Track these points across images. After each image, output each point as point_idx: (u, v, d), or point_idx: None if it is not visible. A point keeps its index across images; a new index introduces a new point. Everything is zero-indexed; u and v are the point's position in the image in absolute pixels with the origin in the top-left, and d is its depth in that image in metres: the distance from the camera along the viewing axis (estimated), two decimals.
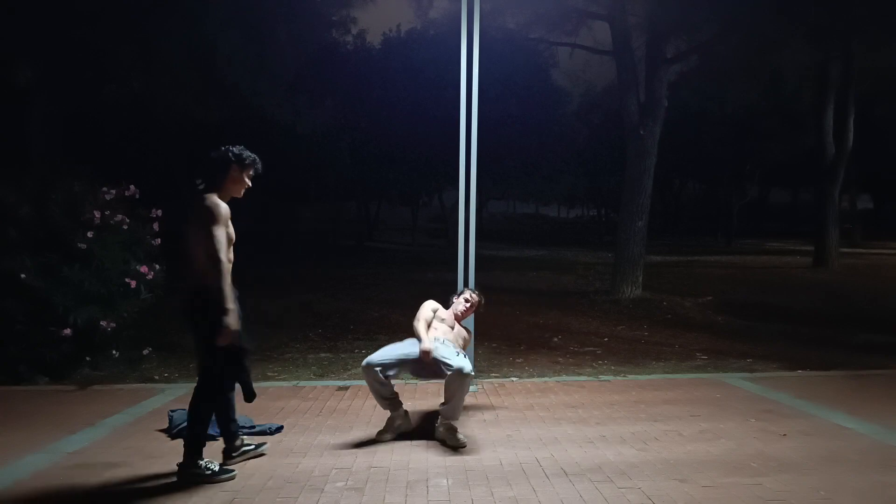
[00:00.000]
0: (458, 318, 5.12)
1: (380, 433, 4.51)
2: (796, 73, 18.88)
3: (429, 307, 4.90)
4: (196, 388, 3.83)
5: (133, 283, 6.55)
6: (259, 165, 3.95)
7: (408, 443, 4.45)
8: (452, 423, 4.45)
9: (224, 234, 3.70)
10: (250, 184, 3.96)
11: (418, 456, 4.19)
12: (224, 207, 3.75)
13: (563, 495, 3.58)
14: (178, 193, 16.83)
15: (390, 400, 4.51)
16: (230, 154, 3.86)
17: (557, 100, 22.76)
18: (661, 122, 12.37)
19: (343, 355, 7.63)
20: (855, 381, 6.37)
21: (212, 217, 3.66)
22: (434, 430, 4.51)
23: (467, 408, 5.35)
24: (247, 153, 3.91)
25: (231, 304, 3.64)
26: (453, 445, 4.33)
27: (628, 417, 5.07)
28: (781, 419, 4.98)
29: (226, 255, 3.70)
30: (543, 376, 6.60)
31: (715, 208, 32.63)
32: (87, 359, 6.43)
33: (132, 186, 6.82)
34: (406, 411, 4.61)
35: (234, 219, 3.80)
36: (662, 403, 5.47)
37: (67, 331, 6.15)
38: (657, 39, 12.47)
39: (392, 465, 4.02)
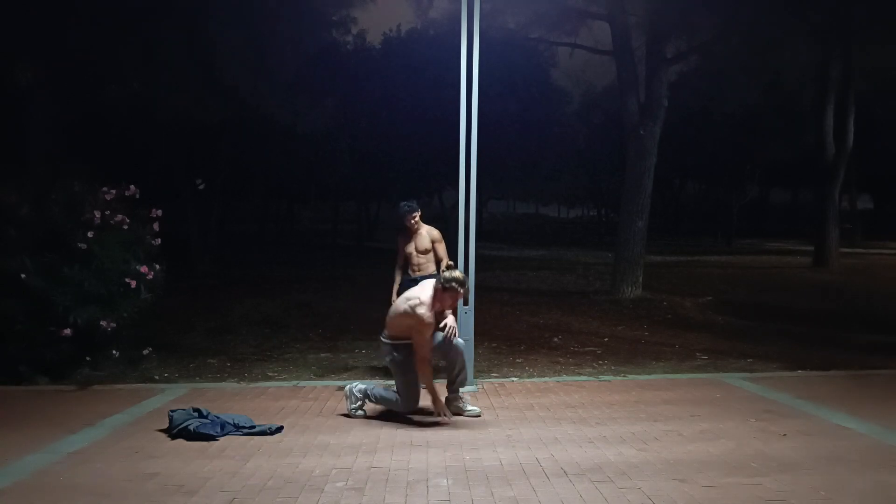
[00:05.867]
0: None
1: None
2: (796, 73, 18.87)
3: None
4: None
5: (133, 283, 6.54)
6: (403, 208, 6.28)
7: (408, 443, 4.46)
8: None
9: (400, 254, 6.44)
10: (410, 223, 6.25)
11: (418, 456, 4.19)
12: (400, 241, 6.41)
13: (563, 495, 3.58)
14: (178, 193, 16.90)
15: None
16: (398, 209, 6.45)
17: (557, 100, 22.72)
18: (661, 122, 12.36)
19: (343, 355, 7.63)
20: (855, 381, 6.38)
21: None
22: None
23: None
24: (399, 206, 6.38)
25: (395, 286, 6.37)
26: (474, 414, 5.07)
27: (628, 417, 5.07)
28: (781, 419, 4.97)
29: (400, 259, 6.44)
30: (543, 376, 6.60)
31: (715, 208, 32.60)
32: (87, 359, 6.42)
33: (132, 186, 6.80)
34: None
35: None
36: (662, 403, 5.47)
37: (67, 331, 6.14)
38: (657, 39, 12.46)
39: (392, 465, 4.02)
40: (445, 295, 4.85)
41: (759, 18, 11.88)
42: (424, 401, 5.08)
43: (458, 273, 4.95)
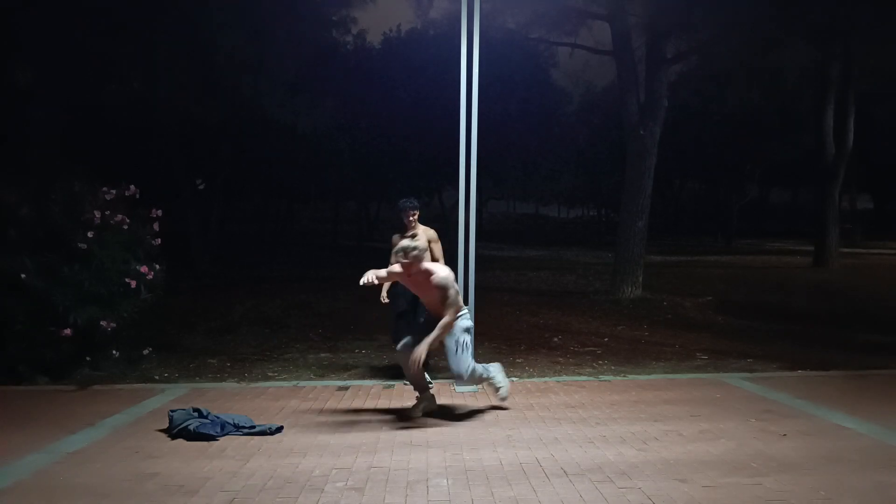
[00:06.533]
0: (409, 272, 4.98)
1: (412, 409, 5.12)
2: (796, 73, 18.87)
3: None
4: None
5: (133, 283, 6.55)
6: (403, 205, 6.25)
7: (408, 443, 4.46)
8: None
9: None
10: (408, 220, 6.22)
11: (418, 456, 4.19)
12: (395, 238, 6.06)
13: (563, 495, 3.58)
14: (178, 193, 16.90)
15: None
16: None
17: (557, 100, 22.72)
18: (661, 122, 12.37)
19: (343, 355, 7.63)
20: (855, 381, 6.37)
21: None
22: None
23: (468, 407, 5.36)
24: (400, 202, 6.33)
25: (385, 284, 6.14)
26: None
27: (628, 417, 5.07)
28: (781, 419, 4.97)
29: (393, 259, 5.69)
30: (543, 376, 6.60)
31: (715, 208, 32.62)
32: (87, 359, 6.43)
33: (132, 186, 6.81)
34: (433, 394, 5.18)
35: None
36: (662, 403, 5.47)
37: (67, 331, 6.15)
38: (657, 39, 12.46)
39: (392, 465, 4.02)
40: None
41: (759, 18, 11.87)
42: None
43: (404, 242, 4.94)
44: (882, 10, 12.15)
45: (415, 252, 4.84)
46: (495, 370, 5.26)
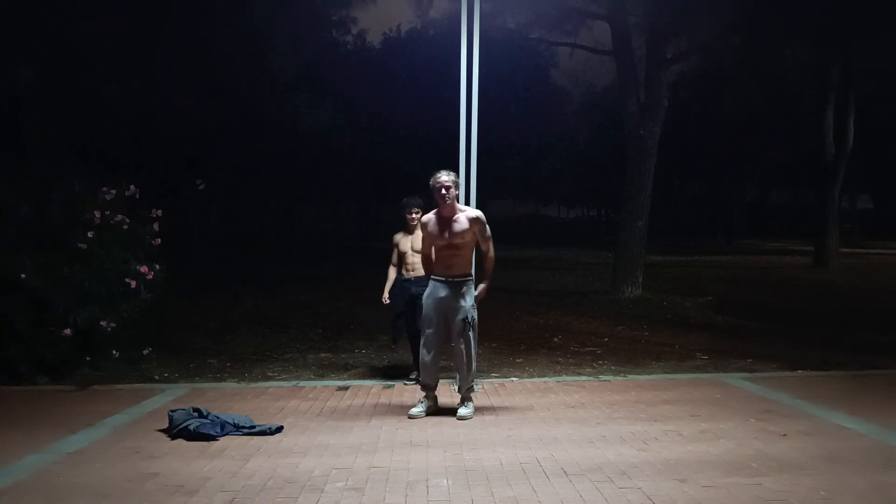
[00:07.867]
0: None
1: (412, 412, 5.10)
2: (796, 73, 18.89)
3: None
4: None
5: (133, 283, 6.55)
6: (405, 203, 6.13)
7: (408, 443, 4.46)
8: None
9: (396, 253, 6.34)
10: (410, 217, 6.09)
11: (418, 456, 4.19)
12: (397, 237, 6.32)
13: (563, 495, 3.58)
14: (178, 193, 16.90)
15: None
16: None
17: (557, 100, 22.78)
18: (661, 122, 12.36)
19: (343, 355, 7.62)
20: (855, 381, 6.37)
21: None
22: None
23: None
24: (402, 200, 6.22)
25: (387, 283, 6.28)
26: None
27: (628, 417, 5.07)
28: (781, 419, 4.97)
29: (395, 258, 6.34)
30: (543, 376, 6.60)
31: (715, 208, 32.61)
32: (87, 359, 6.42)
33: (132, 186, 6.81)
34: (435, 395, 5.22)
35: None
36: (662, 403, 5.47)
37: (67, 331, 6.14)
38: (657, 39, 12.46)
39: (392, 465, 4.02)
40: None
41: (759, 18, 11.88)
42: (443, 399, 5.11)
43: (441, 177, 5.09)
44: (882, 10, 12.15)
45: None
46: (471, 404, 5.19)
